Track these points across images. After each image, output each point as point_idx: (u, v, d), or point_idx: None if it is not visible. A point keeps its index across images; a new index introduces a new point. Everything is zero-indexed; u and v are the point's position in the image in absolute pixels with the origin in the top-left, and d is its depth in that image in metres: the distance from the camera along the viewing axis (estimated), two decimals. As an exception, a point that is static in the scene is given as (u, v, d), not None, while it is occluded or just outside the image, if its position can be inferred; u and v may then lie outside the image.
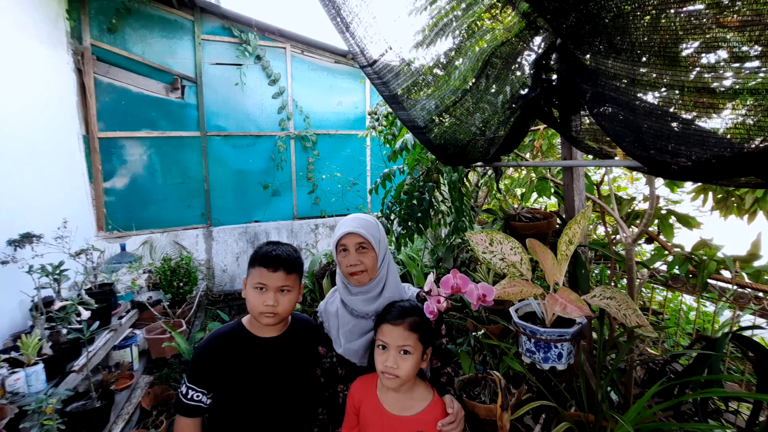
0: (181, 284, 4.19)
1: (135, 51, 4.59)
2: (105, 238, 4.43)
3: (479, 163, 2.59)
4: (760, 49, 1.19)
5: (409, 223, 2.36)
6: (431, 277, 1.34)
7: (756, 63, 1.37)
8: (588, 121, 2.05)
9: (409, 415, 1.36)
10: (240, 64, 5.08)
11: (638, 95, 1.59)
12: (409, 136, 2.55)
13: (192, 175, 5.03)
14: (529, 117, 2.24)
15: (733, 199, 3.41)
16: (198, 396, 1.45)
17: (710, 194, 3.51)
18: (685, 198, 3.51)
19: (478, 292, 1.31)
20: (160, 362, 3.50)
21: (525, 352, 1.40)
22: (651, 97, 1.53)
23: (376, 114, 3.24)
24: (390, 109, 3.03)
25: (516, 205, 2.74)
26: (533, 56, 2.10)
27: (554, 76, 2.09)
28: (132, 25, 4.56)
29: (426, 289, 1.34)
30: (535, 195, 3.52)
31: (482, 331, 1.34)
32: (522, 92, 2.15)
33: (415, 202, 2.36)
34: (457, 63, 2.09)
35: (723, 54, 1.46)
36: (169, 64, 4.77)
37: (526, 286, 1.40)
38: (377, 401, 1.41)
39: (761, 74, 1.30)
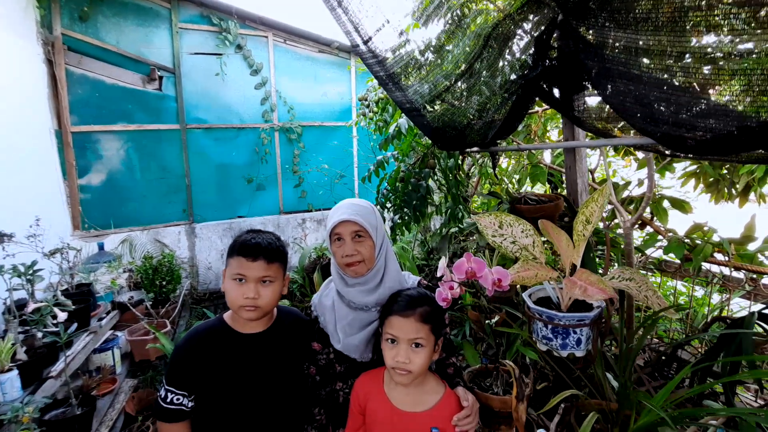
0: (164, 283, 4.02)
1: (108, 40, 4.36)
2: (81, 237, 4.21)
3: (476, 149, 2.52)
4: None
5: (405, 210, 2.27)
6: (444, 262, 1.24)
7: (750, 45, 1.32)
8: (591, 101, 1.99)
9: (420, 410, 1.27)
10: (220, 54, 4.89)
11: (649, 69, 1.53)
12: (402, 121, 2.45)
13: (172, 169, 4.83)
14: (529, 98, 2.17)
15: (724, 182, 3.42)
16: (179, 399, 1.33)
17: (701, 179, 3.52)
18: (672, 184, 3.51)
19: (493, 276, 1.23)
20: (144, 365, 3.35)
21: (541, 339, 1.33)
22: (663, 71, 1.47)
23: (366, 100, 3.13)
24: (381, 95, 2.93)
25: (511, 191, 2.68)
26: (534, 34, 2.03)
27: (555, 54, 2.01)
28: (105, 13, 4.33)
29: (439, 274, 1.24)
30: (527, 185, 3.47)
31: (496, 318, 1.27)
32: (522, 72, 2.07)
33: (411, 188, 2.27)
34: (455, 43, 2.00)
35: (726, 32, 1.41)
36: (146, 54, 4.55)
37: (541, 269, 1.33)
38: (385, 398, 1.32)
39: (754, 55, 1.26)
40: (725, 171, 3.35)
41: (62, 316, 2.23)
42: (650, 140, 1.57)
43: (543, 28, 1.99)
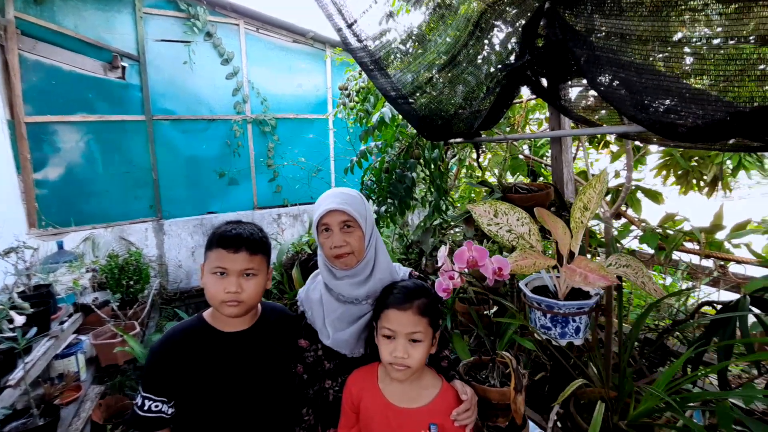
0: (131, 283, 3.80)
1: (66, 24, 4.08)
2: (39, 236, 3.94)
3: (459, 139, 2.49)
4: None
5: (391, 202, 2.21)
6: (444, 251, 1.19)
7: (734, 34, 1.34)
8: (578, 90, 1.99)
9: (418, 406, 1.22)
10: (188, 42, 4.66)
11: (638, 56, 1.52)
12: (386, 110, 2.39)
13: (138, 163, 4.58)
14: (515, 87, 2.15)
15: (693, 174, 3.53)
16: (157, 406, 1.23)
17: (671, 170, 3.63)
18: (643, 176, 3.61)
19: (493, 266, 1.19)
20: (111, 370, 3.16)
21: (539, 328, 1.30)
22: (652, 58, 1.47)
23: (346, 89, 3.03)
24: (363, 84, 2.85)
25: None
26: (521, 22, 2.00)
27: (542, 43, 2.00)
28: (61, -5, 4.04)
29: (439, 263, 1.19)
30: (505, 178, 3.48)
31: (495, 309, 1.23)
32: (508, 61, 2.05)
33: (396, 179, 2.21)
34: (441, 30, 1.95)
35: (712, 21, 1.42)
36: (107, 40, 4.28)
37: (539, 258, 1.30)
38: (380, 394, 1.26)
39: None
40: (694, 163, 3.46)
41: (19, 320, 2.07)
42: (640, 128, 1.57)
43: (530, 16, 1.97)
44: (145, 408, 1.23)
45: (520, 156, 3.01)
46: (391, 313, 1.18)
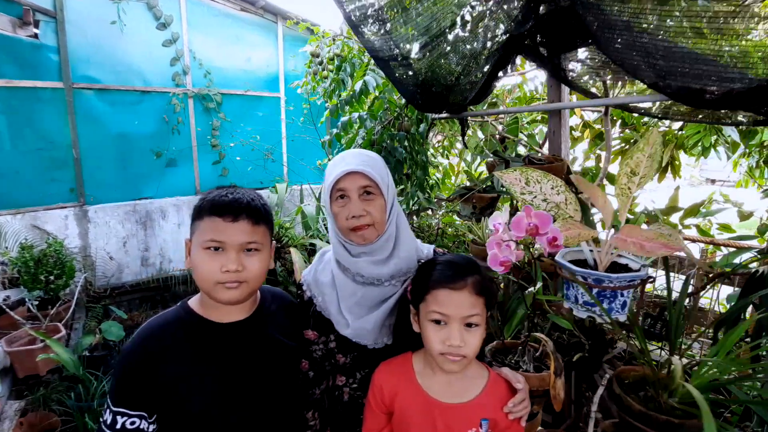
0: (52, 278, 3.23)
1: (-42, -33, 3.33)
2: (-76, 224, 3.21)
3: (445, 114, 2.35)
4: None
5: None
6: (503, 217, 1.02)
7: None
8: (582, 58, 1.92)
9: (466, 401, 1.05)
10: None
11: (663, 20, 1.46)
12: (369, 78, 2.16)
13: (54, 139, 3.91)
14: (512, 56, 2.04)
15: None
16: (134, 423, 0.96)
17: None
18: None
19: (548, 235, 1.05)
20: (31, 381, 2.68)
21: (581, 305, 1.19)
22: (677, 21, 1.41)
23: (318, 57, 2.73)
24: (337, 51, 2.58)
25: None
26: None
27: (545, 10, 1.90)
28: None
29: (499, 230, 1.02)
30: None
31: (539, 285, 1.12)
32: (510, 27, 1.92)
33: (388, 152, 2.01)
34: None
35: None
36: (15, -10, 3.57)
37: (582, 228, 1.19)
38: (420, 390, 1.07)
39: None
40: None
41: None
42: (658, 96, 1.52)
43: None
44: (118, 426, 0.94)
45: (495, 138, 2.96)
46: (441, 293, 0.99)
